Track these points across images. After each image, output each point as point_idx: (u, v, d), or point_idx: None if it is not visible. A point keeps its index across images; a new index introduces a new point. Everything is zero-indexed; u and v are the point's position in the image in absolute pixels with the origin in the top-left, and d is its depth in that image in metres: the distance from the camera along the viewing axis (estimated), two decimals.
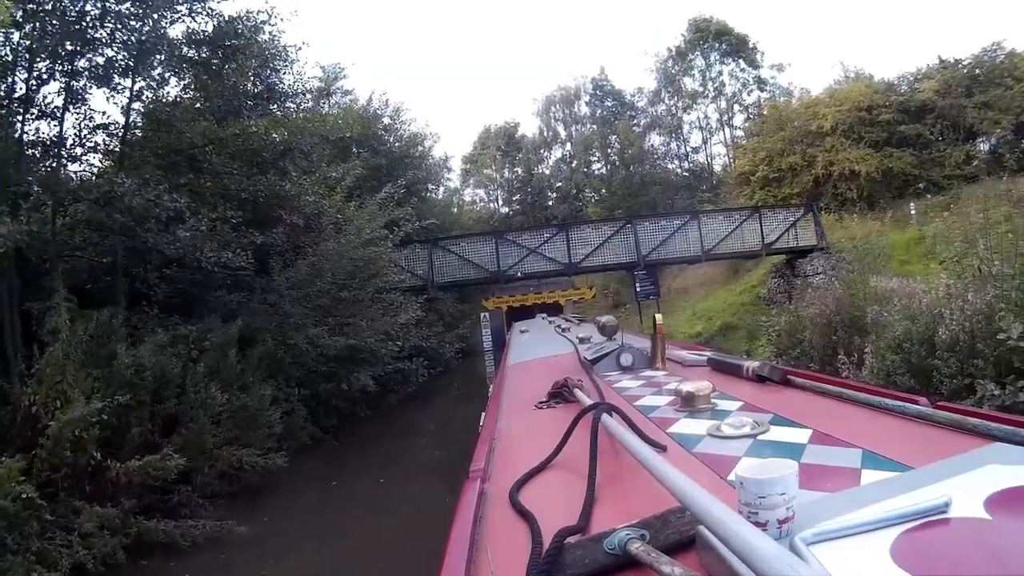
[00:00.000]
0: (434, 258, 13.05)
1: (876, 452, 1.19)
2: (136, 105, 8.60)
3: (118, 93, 8.45)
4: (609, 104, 33.52)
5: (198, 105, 9.21)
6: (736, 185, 22.78)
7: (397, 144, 18.32)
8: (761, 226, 14.47)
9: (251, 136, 8.07)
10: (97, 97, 10.25)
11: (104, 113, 8.36)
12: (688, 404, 1.79)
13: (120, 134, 8.57)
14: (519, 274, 13.39)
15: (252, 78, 11.97)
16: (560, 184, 32.58)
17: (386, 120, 18.41)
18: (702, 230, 14.11)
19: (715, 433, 1.47)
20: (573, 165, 32.66)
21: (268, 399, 7.16)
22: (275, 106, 10.94)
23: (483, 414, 2.70)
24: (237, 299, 9.00)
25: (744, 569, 0.64)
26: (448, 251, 13.30)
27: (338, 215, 9.62)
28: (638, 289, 15.16)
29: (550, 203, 33.04)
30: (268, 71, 12.13)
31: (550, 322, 8.75)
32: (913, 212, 17.53)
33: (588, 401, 1.82)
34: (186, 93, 9.49)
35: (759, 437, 1.40)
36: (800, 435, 1.38)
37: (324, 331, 8.11)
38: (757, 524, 0.72)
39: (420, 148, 20.38)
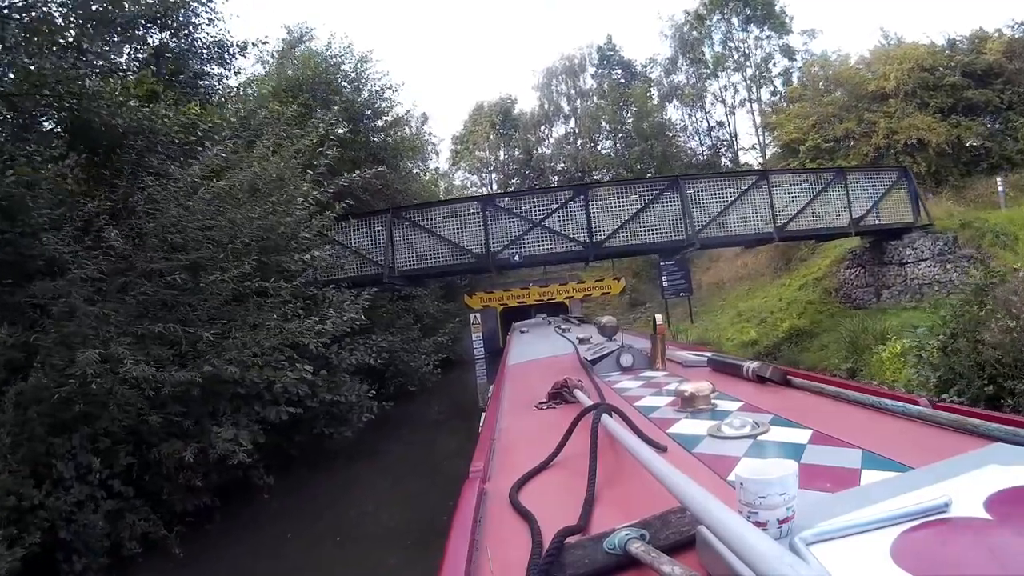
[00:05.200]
0: (395, 235, 9.05)
1: (876, 452, 1.19)
2: None
3: None
4: (617, 75, 29.60)
5: None
6: (780, 157, 19.16)
7: (361, 98, 14.35)
8: (848, 196, 10.56)
9: None
10: None
11: None
12: (688, 405, 1.77)
13: None
14: (516, 258, 9.42)
15: None
16: (563, 165, 28.61)
17: (347, 68, 14.43)
18: (772, 199, 10.15)
19: (715, 433, 1.46)
20: (578, 144, 28.71)
21: None
22: None
23: (483, 415, 2.58)
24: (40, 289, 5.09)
25: (744, 569, 0.63)
26: (417, 225, 9.29)
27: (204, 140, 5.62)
28: (665, 284, 12.06)
29: (552, 186, 29.00)
30: None
31: (550, 323, 8.38)
32: (1001, 190, 15.57)
33: (588, 402, 1.81)
34: None
35: (759, 437, 1.39)
36: (800, 435, 1.38)
37: (133, 350, 4.10)
38: (757, 524, 0.71)
39: (394, 110, 16.46)
